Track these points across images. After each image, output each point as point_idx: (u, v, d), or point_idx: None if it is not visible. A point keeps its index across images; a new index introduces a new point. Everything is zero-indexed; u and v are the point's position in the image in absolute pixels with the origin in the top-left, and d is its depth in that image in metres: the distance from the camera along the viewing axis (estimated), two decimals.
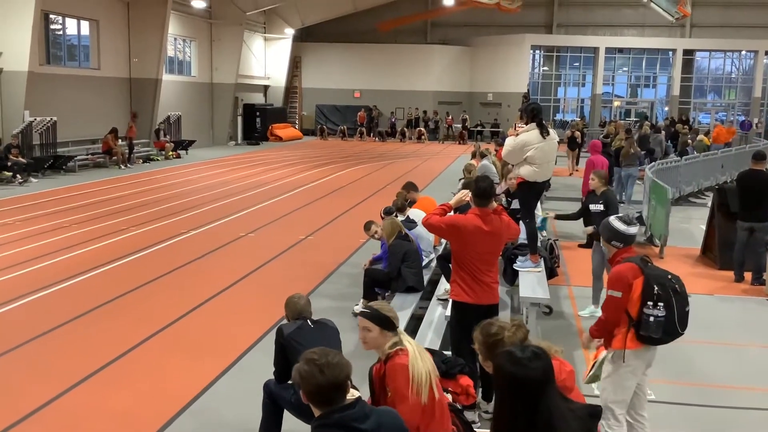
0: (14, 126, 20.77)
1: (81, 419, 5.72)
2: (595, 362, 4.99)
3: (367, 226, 9.08)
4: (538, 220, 9.30)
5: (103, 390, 6.30)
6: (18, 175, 19.38)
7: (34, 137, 21.67)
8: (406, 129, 41.12)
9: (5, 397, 6.08)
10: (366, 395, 3.94)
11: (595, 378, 4.97)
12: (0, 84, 20.74)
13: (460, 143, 39.23)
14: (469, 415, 5.05)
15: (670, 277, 4.74)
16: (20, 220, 14.04)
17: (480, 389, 5.64)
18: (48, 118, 22.02)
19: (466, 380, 4.78)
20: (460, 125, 41.21)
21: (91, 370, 6.66)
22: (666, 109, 43.71)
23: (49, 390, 6.20)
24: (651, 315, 4.61)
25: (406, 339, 4.00)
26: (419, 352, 3.92)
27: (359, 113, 41.72)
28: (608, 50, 42.84)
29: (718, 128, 29.04)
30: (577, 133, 23.97)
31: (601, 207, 8.72)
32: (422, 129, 40.88)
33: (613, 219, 5.10)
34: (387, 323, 3.93)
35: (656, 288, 4.62)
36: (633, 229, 5.07)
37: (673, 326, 4.65)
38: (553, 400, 2.70)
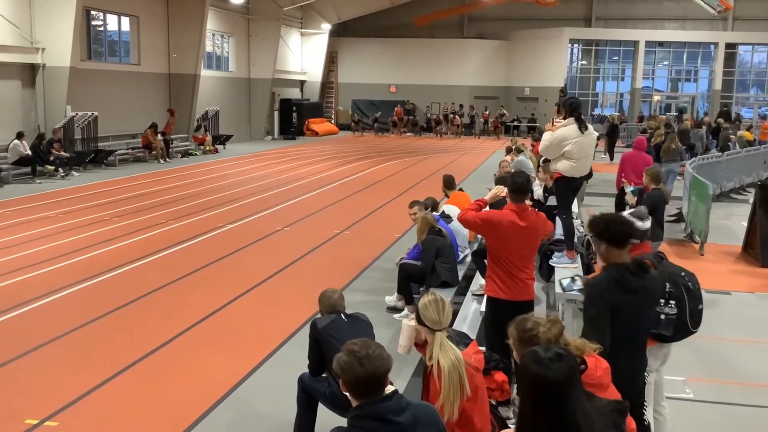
0: (56, 120, 21.18)
1: (120, 409, 5.83)
2: None
3: (412, 204, 9.01)
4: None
5: (142, 381, 6.40)
6: (60, 169, 19.77)
7: (76, 132, 22.07)
8: (441, 118, 40.70)
9: (48, 387, 6.22)
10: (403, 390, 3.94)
11: None
12: (43, 79, 21.17)
13: (496, 138, 38.80)
14: (504, 411, 5.02)
15: (683, 274, 4.66)
16: (62, 212, 14.32)
17: (515, 385, 5.61)
18: (89, 113, 22.41)
19: (500, 376, 4.75)
20: (492, 120, 40.88)
21: (131, 361, 6.78)
22: (706, 104, 42.94)
23: (89, 380, 6.32)
24: (662, 313, 4.54)
25: (438, 340, 3.97)
26: (444, 345, 3.91)
27: (396, 108, 41.62)
28: (648, 44, 42.20)
29: (765, 125, 28.43)
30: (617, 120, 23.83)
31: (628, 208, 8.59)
32: (457, 118, 40.49)
33: (626, 214, 5.02)
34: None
35: (668, 286, 4.55)
36: (647, 224, 5.00)
37: (684, 325, 4.59)
38: (577, 402, 2.67)
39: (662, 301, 4.52)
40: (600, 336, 3.88)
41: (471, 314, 7.20)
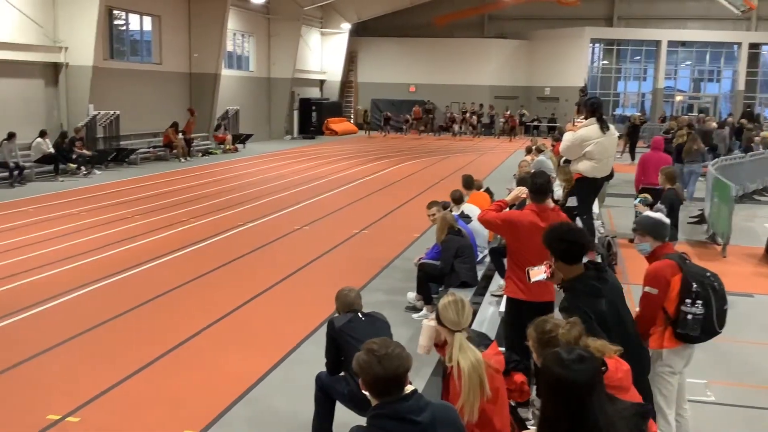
0: (79, 119, 21.39)
1: (140, 405, 5.87)
2: None
3: (430, 205, 8.99)
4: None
5: (162, 377, 6.45)
6: (82, 167, 19.97)
7: (98, 130, 22.29)
8: (455, 116, 40.32)
9: (70, 383, 6.28)
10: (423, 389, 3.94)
11: None
12: (66, 78, 21.39)
13: (510, 140, 37.73)
14: (523, 412, 5.00)
15: (708, 274, 4.65)
16: (85, 210, 14.46)
17: (534, 386, 5.58)
18: (111, 112, 22.61)
19: (520, 377, 4.73)
20: (503, 120, 40.32)
21: (152, 358, 6.83)
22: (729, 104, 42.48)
23: (110, 376, 6.38)
24: (689, 313, 4.53)
25: (457, 341, 3.97)
26: (464, 347, 3.90)
27: (414, 108, 41.53)
28: (671, 43, 41.85)
29: None
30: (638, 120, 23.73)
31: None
32: (473, 118, 40.07)
33: (650, 213, 5.03)
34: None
35: (695, 285, 4.53)
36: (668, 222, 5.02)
37: (711, 324, 4.56)
38: (599, 404, 2.66)
39: (688, 301, 4.50)
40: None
41: (490, 315, 7.17)
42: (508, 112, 40.77)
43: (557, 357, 2.70)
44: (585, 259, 4.52)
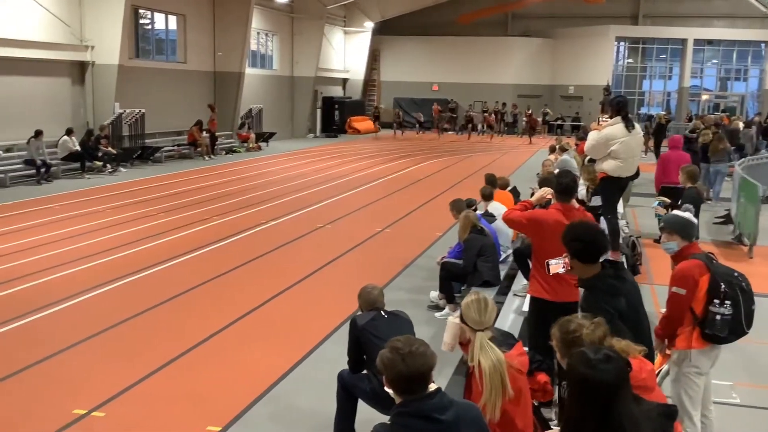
0: (105, 117, 21.62)
1: (164, 401, 5.92)
2: (659, 371, 4.89)
3: (452, 205, 8.93)
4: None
5: (186, 374, 6.50)
6: (108, 165, 20.17)
7: (124, 128, 22.51)
8: (475, 114, 39.45)
9: (93, 378, 6.35)
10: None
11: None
12: (92, 77, 21.63)
13: (530, 141, 35.64)
14: (546, 412, 4.98)
15: (736, 274, 4.61)
16: (110, 207, 14.62)
17: (557, 386, 5.55)
18: (136, 110, 22.83)
19: (543, 377, 4.70)
20: (525, 119, 38.86)
21: (175, 354, 6.89)
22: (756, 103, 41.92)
23: (135, 372, 6.44)
24: (717, 313, 4.49)
25: (479, 341, 3.95)
26: (485, 346, 3.89)
27: (433, 106, 41.25)
28: (697, 42, 41.37)
29: None
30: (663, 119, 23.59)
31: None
32: (491, 117, 39.34)
33: (678, 212, 5.00)
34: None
35: (723, 286, 4.49)
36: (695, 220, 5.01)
37: (739, 325, 4.52)
38: (625, 404, 2.64)
39: (717, 301, 4.46)
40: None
41: (512, 314, 7.15)
42: (530, 111, 39.29)
43: (584, 357, 2.68)
44: (603, 258, 4.52)
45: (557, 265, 4.59)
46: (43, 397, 5.96)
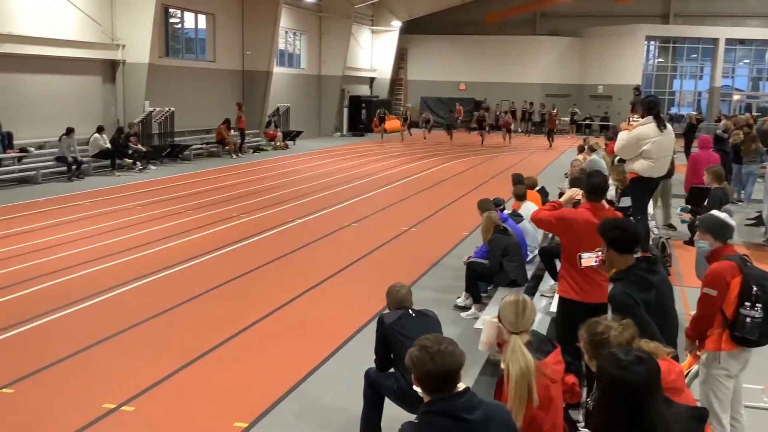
0: (135, 115, 21.86)
1: (191, 398, 5.98)
2: (688, 372, 4.84)
3: (480, 205, 8.88)
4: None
5: (213, 370, 6.55)
6: (138, 163, 20.41)
7: (153, 126, 22.74)
8: (486, 114, 37.22)
9: (122, 373, 6.43)
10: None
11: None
12: (123, 75, 21.90)
13: (550, 146, 32.14)
14: (574, 414, 4.95)
15: None
16: (140, 205, 14.78)
17: (585, 387, 5.51)
18: (166, 109, 23.04)
19: (570, 378, 4.67)
20: (545, 117, 36.71)
21: (203, 351, 6.95)
22: None
23: (164, 367, 6.51)
24: (748, 316, 4.44)
25: (512, 344, 3.89)
26: (516, 351, 3.81)
27: (456, 106, 40.12)
28: (729, 41, 40.74)
29: None
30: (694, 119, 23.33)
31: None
32: (509, 116, 37.06)
33: (716, 212, 4.94)
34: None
35: (755, 288, 4.44)
36: (734, 222, 4.94)
37: None
38: (655, 406, 2.61)
39: (748, 304, 4.41)
40: (653, 339, 3.84)
41: (539, 314, 7.10)
42: (555, 111, 36.61)
43: (614, 358, 2.65)
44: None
45: (590, 259, 4.59)
46: (73, 390, 6.05)
